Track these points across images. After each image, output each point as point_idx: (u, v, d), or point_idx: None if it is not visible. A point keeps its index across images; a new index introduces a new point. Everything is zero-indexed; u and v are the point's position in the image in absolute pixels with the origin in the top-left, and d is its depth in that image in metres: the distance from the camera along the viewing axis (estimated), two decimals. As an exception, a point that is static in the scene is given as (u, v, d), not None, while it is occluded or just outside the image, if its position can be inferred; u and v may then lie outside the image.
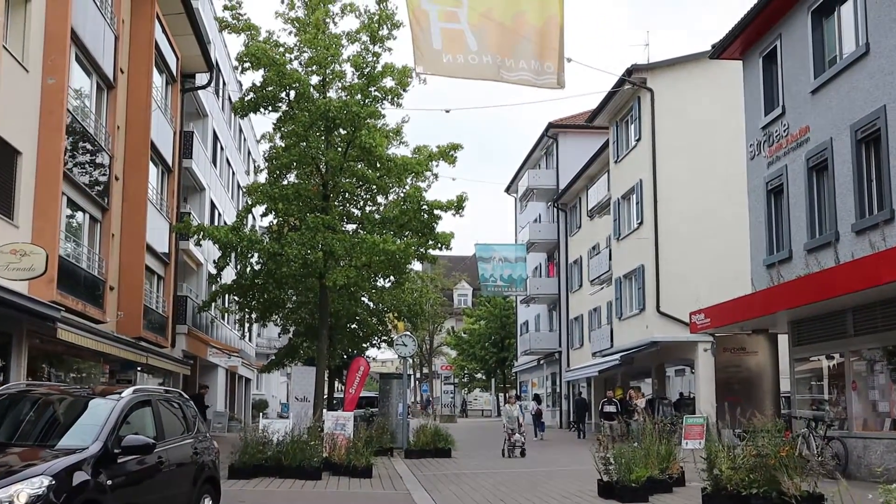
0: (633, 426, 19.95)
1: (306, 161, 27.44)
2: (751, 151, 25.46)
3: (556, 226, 55.84)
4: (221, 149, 44.56)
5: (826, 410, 22.08)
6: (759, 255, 24.89)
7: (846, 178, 20.38)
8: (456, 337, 79.58)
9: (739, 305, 23.60)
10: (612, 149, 40.89)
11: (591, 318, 48.02)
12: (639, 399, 31.74)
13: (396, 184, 28.17)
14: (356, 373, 29.34)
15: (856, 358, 20.39)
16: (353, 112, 26.09)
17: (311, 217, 26.30)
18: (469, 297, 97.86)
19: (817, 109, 21.75)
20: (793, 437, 19.05)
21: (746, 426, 18.68)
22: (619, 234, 39.48)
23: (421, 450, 28.39)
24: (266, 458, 21.28)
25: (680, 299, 33.51)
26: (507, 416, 28.90)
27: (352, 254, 26.16)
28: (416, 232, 27.74)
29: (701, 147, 35.28)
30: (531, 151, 60.13)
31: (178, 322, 34.61)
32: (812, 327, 22.05)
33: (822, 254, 20.97)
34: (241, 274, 28.25)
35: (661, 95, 35.87)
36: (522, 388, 66.96)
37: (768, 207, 24.43)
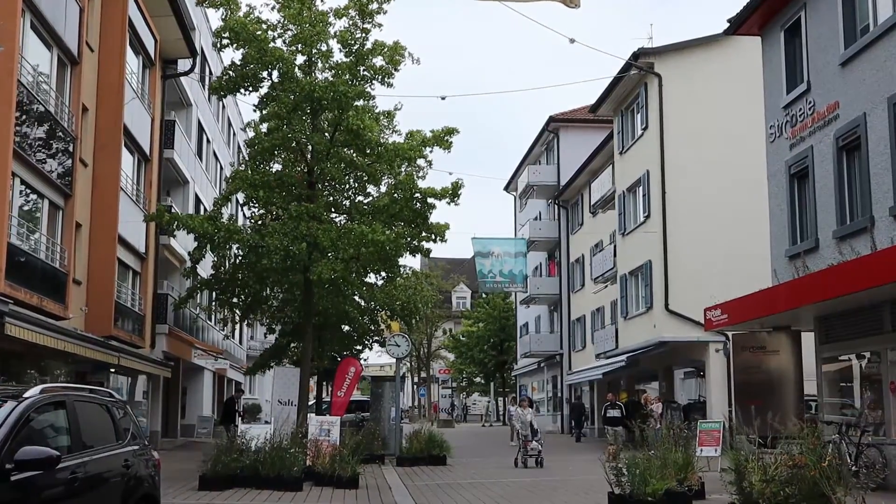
0: (647, 433, 18.06)
1: (290, 146, 25.49)
2: (771, 134, 23.47)
3: (556, 223, 53.86)
4: (208, 141, 42.61)
5: (861, 415, 20.09)
6: (780, 246, 22.89)
7: (883, 156, 18.38)
8: (454, 339, 77.63)
9: (761, 300, 21.59)
10: (617, 139, 38.91)
11: (594, 318, 46.04)
12: (655, 403, 29.61)
13: (388, 171, 26.17)
14: (346, 375, 27.47)
15: (895, 356, 18.37)
16: (339, 92, 24.13)
17: (294, 206, 24.32)
18: (468, 300, 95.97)
19: (848, 83, 19.77)
20: (821, 444, 17.10)
21: (770, 432, 16.92)
22: (625, 228, 37.49)
23: (414, 457, 26.72)
24: (242, 466, 19.48)
25: (690, 297, 31.53)
26: (521, 421, 26.64)
27: (338, 246, 24.15)
28: (408, 222, 25.75)
29: (712, 134, 33.32)
30: (531, 147, 58.19)
31: (159, 321, 32.71)
32: (843, 323, 20.06)
33: (855, 241, 18.96)
34: (218, 267, 26.19)
35: (670, 81, 33.91)
36: (522, 392, 65.02)
37: (791, 193, 22.43)
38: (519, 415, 27.24)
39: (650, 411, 29.76)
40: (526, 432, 25.92)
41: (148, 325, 31.37)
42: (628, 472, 15.61)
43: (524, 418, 26.34)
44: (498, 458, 29.86)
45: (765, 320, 22.31)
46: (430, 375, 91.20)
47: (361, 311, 31.85)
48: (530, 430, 25.87)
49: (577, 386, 50.03)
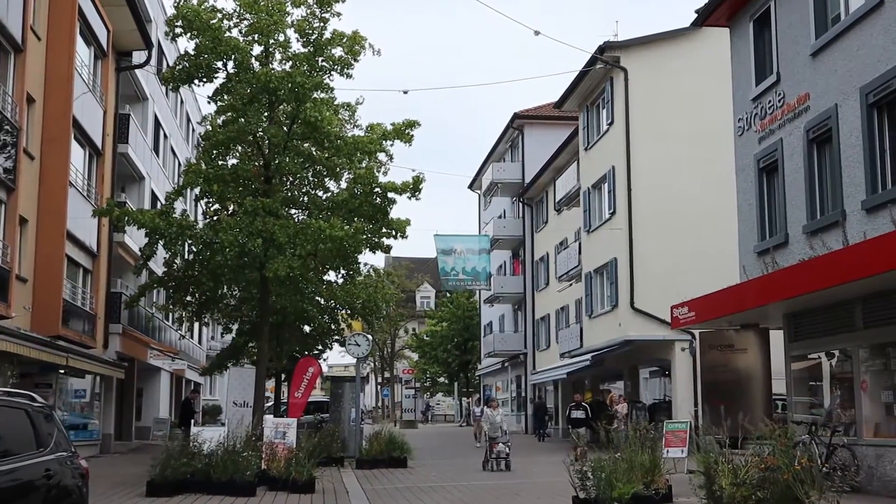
0: (612, 434, 17.47)
1: (246, 139, 24.62)
2: (739, 127, 22.95)
3: (521, 221, 53.29)
4: (165, 136, 41.58)
5: (827, 414, 19.61)
6: (748, 242, 22.36)
7: (854, 148, 17.87)
8: (417, 339, 76.92)
9: (729, 297, 21.05)
10: (582, 135, 38.34)
11: (559, 317, 45.49)
12: (620, 403, 28.98)
13: (347, 165, 25.37)
14: (304, 375, 26.69)
15: (866, 354, 17.85)
16: (297, 83, 23.32)
17: (249, 201, 23.47)
18: (432, 300, 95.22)
19: (819, 74, 19.25)
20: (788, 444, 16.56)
21: (740, 433, 16.36)
22: (590, 226, 36.92)
23: (374, 459, 26.07)
24: (193, 471, 18.65)
25: (656, 295, 31.01)
26: (490, 422, 25.66)
27: (295, 242, 23.35)
28: (368, 218, 24.97)
29: (679, 129, 32.82)
30: (496, 144, 57.60)
31: (112, 321, 31.73)
32: (812, 320, 19.55)
33: (827, 236, 18.44)
34: (170, 264, 25.27)
35: (636, 75, 33.38)
36: (486, 392, 64.42)
37: (759, 188, 21.91)
38: (488, 416, 26.28)
39: (615, 412, 29.20)
40: (495, 434, 25.00)
41: (100, 324, 30.42)
42: (594, 475, 15.00)
43: (493, 419, 25.50)
44: (461, 459, 29.21)
45: (733, 318, 21.78)
46: (394, 376, 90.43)
47: (321, 310, 31.11)
48: (500, 432, 25.00)
49: (541, 386, 49.49)
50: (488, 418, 25.92)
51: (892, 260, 14.84)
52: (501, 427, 25.18)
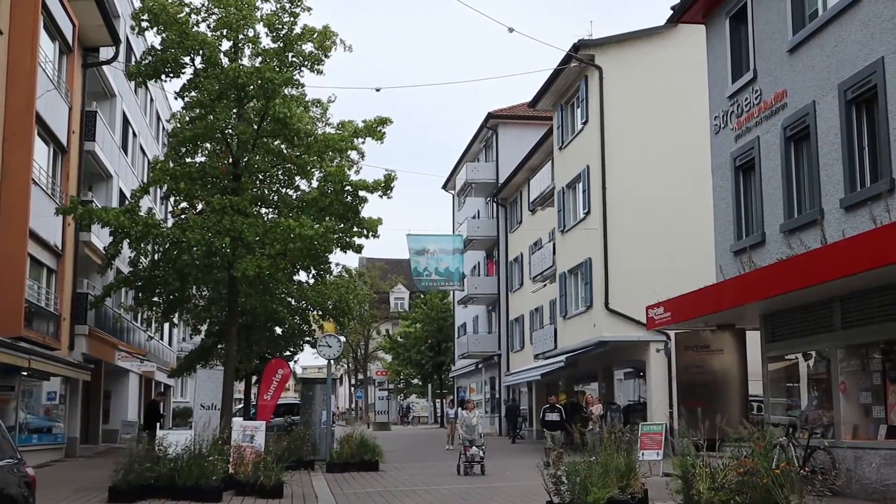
0: (587, 437, 17.12)
1: (213, 136, 24.10)
2: (715, 125, 22.65)
3: (495, 222, 52.92)
4: (134, 135, 40.88)
5: (801, 416, 19.34)
6: (725, 241, 22.06)
7: (833, 146, 17.59)
8: (391, 341, 76.39)
9: (705, 297, 20.72)
10: (557, 134, 38.01)
11: (533, 318, 45.16)
12: (595, 405, 28.60)
13: (318, 163, 24.92)
14: (273, 377, 26.16)
15: (845, 354, 17.57)
16: (266, 79, 22.84)
17: (217, 198, 22.97)
18: (406, 301, 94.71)
19: (796, 70, 18.97)
20: (767, 447, 16.27)
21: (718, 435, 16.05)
22: (564, 225, 36.59)
23: (345, 463, 25.66)
24: (157, 476, 18.14)
25: (631, 295, 30.71)
26: (465, 424, 24.79)
27: (264, 241, 22.88)
28: (339, 217, 24.54)
29: (655, 128, 32.58)
30: (469, 144, 57.21)
31: (78, 322, 31.03)
32: (790, 320, 19.24)
33: (805, 234, 18.15)
34: (135, 263, 24.68)
35: (611, 74, 33.07)
36: (460, 394, 64.02)
37: (736, 186, 21.61)
38: (463, 418, 25.47)
39: (590, 413, 28.84)
40: (471, 437, 24.22)
41: (66, 325, 29.73)
42: (568, 479, 14.62)
43: (469, 421, 24.75)
44: (433, 462, 28.81)
45: (709, 318, 21.48)
46: (368, 377, 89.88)
47: (291, 311, 30.57)
48: (475, 434, 24.26)
49: (515, 387, 49.15)
50: (463, 420, 25.18)
51: (870, 259, 14.54)
52: (476, 429, 24.50)
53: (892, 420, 16.21)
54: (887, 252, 14.08)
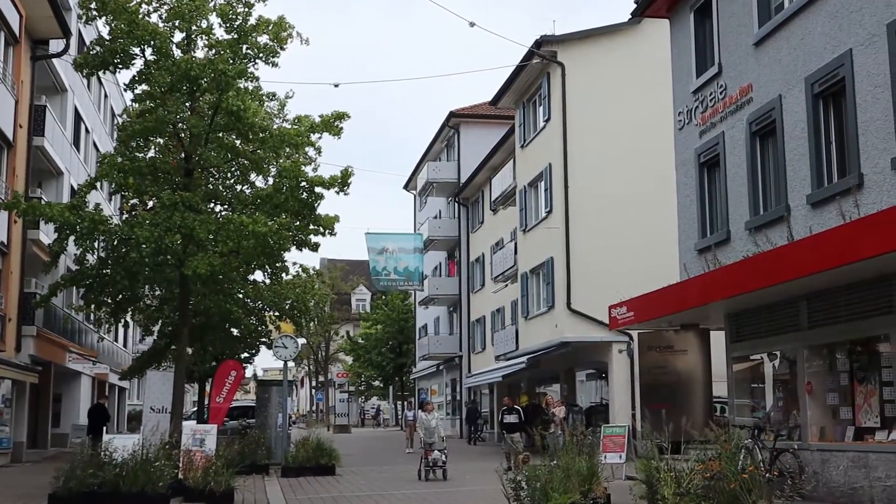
0: (549, 440, 16.61)
1: (164, 129, 23.31)
2: (680, 120, 22.22)
3: (457, 222, 52.33)
4: (87, 131, 39.87)
5: (763, 417, 18.94)
6: (689, 240, 21.62)
7: (799, 140, 17.18)
8: (352, 342, 75.59)
9: (669, 296, 20.26)
10: (519, 132, 37.50)
11: (494, 319, 44.62)
12: (558, 407, 28.03)
13: (273, 159, 24.20)
14: (226, 379, 25.42)
15: (811, 354, 17.16)
16: (219, 71, 22.09)
17: (167, 194, 22.19)
18: (368, 302, 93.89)
19: (762, 64, 18.55)
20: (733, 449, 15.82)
21: (683, 437, 15.64)
22: (526, 225, 36.08)
23: (300, 467, 24.96)
24: (100, 482, 17.33)
25: (593, 295, 30.22)
26: (425, 427, 23.75)
27: (217, 238, 22.15)
28: (294, 213, 23.84)
29: (618, 126, 32.16)
30: (431, 143, 56.57)
31: (25, 323, 30.05)
32: (755, 320, 18.83)
33: (771, 231, 17.73)
34: (81, 261, 23.82)
35: (574, 70, 32.59)
36: (421, 395, 63.43)
37: (700, 183, 21.18)
38: (423, 420, 24.37)
39: (552, 415, 28.11)
40: (431, 440, 23.28)
41: (12, 326, 28.75)
42: (528, 484, 14.06)
43: (428, 424, 23.75)
44: (392, 466, 28.19)
45: (673, 318, 21.04)
46: (328, 379, 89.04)
47: (247, 311, 29.77)
48: (436, 437, 23.32)
49: (476, 389, 48.62)
50: (423, 423, 24.15)
51: (838, 255, 14.13)
52: (437, 432, 23.55)
53: (859, 421, 15.84)
54: (855, 248, 13.66)
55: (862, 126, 15.35)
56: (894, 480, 14.33)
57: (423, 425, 23.98)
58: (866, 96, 15.27)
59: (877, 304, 15.07)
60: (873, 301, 15.15)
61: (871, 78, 15.12)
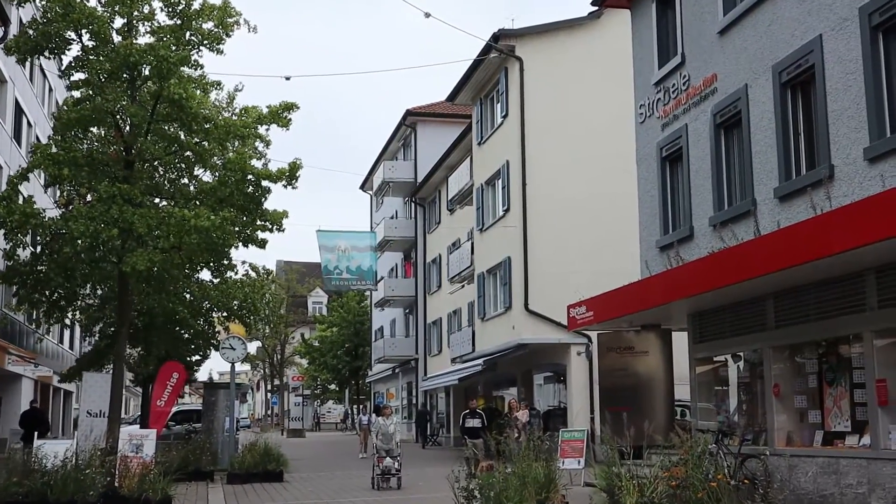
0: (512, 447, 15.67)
1: (103, 119, 22.14)
2: (641, 114, 21.44)
3: (413, 222, 51.38)
4: (30, 125, 38.47)
5: (725, 421, 18.21)
6: (650, 237, 20.85)
7: (766, 131, 16.44)
8: (306, 345, 74.35)
9: (629, 295, 19.43)
10: (476, 129, 36.65)
11: (451, 320, 43.73)
12: (521, 410, 27.00)
13: (219, 152, 23.13)
14: (167, 381, 24.31)
15: (778, 355, 16.40)
16: (160, 57, 20.98)
17: (104, 186, 21.03)
18: (324, 305, 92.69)
19: (727, 53, 17.80)
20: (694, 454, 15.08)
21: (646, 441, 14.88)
22: (483, 224, 35.22)
23: (247, 473, 24.15)
24: (26, 491, 16.37)
25: (551, 295, 29.42)
26: (381, 433, 22.25)
27: (157, 233, 21.03)
28: (240, 208, 22.79)
29: (578, 122, 31.43)
30: (388, 142, 55.62)
31: (-41, 324, 28.75)
32: (719, 319, 18.07)
33: (737, 227, 16.94)
34: (10, 257, 22.57)
35: (532, 65, 31.80)
36: (378, 399, 62.38)
37: (662, 178, 20.40)
38: (379, 425, 22.66)
39: (514, 420, 26.86)
40: (388, 446, 21.84)
41: (-56, 327, 27.48)
42: (481, 493, 13.18)
43: (385, 429, 22.22)
44: (344, 472, 27.25)
45: (633, 317, 20.21)
46: (284, 383, 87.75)
47: (193, 312, 28.61)
48: (393, 443, 21.89)
49: (433, 392, 47.73)
50: (379, 428, 22.54)
51: (807, 251, 13.34)
52: (394, 438, 22.13)
53: (829, 425, 15.10)
54: (826, 243, 12.88)
55: (833, 115, 14.62)
56: (866, 487, 13.60)
57: (379, 430, 22.45)
58: (837, 84, 14.55)
59: (848, 302, 14.35)
60: (844, 299, 14.42)
61: (843, 64, 14.39)
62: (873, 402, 13.79)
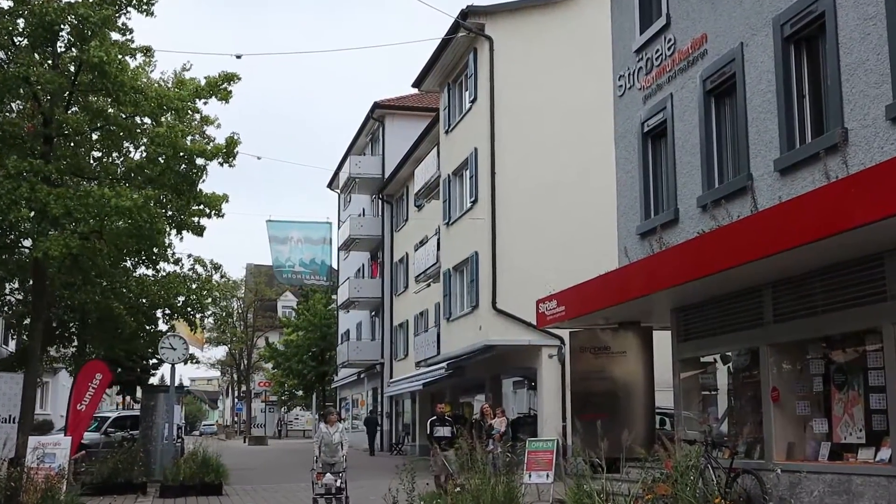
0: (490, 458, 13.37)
1: (16, 87, 19.64)
2: (620, 86, 19.22)
3: (380, 220, 48.98)
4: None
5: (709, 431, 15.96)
6: (630, 223, 18.60)
7: (765, 95, 14.23)
8: (271, 349, 71.77)
9: (606, 285, 17.16)
10: (443, 117, 34.34)
11: (418, 323, 41.35)
12: (498, 418, 24.39)
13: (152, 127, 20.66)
14: (89, 382, 21.82)
15: (777, 355, 14.15)
16: (80, 16, 18.60)
17: (13, 161, 18.57)
18: (293, 309, 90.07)
19: (719, 8, 15.58)
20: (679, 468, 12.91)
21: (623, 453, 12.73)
22: (450, 217, 32.89)
23: (182, 485, 21.88)
24: None
25: (521, 294, 27.00)
26: (325, 443, 18.00)
27: (75, 214, 18.59)
28: (173, 189, 20.40)
29: (551, 108, 29.17)
30: (355, 137, 53.22)
31: None
32: (707, 314, 15.84)
33: (731, 206, 14.66)
34: None
35: (503, 45, 29.51)
36: (344, 406, 60.03)
37: (644, 157, 18.17)
38: (324, 434, 18.20)
39: (489, 428, 24.09)
40: (333, 459, 17.77)
41: None
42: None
43: (329, 439, 18.00)
44: (292, 484, 24.88)
45: (610, 312, 17.90)
46: (250, 389, 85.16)
47: (131, 309, 26.09)
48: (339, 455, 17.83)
49: (399, 398, 45.37)
50: (322, 438, 18.17)
51: (816, 226, 11.13)
52: (340, 450, 17.98)
53: (837, 436, 12.88)
54: (846, 213, 10.65)
55: (847, 70, 12.41)
56: (886, 511, 11.36)
57: (322, 440, 18.29)
58: (852, 33, 12.34)
59: (863, 291, 12.12)
60: (859, 286, 12.19)
61: (860, 8, 12.19)
62: (895, 408, 11.57)
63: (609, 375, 19.02)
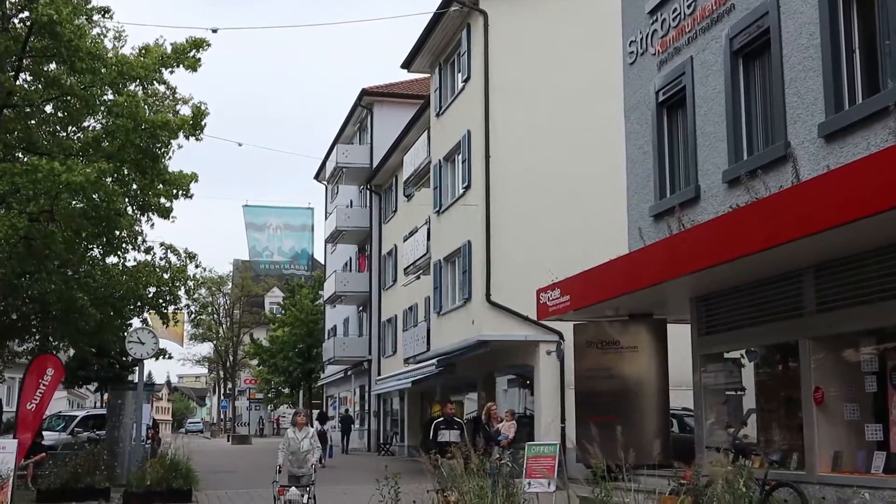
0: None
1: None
2: (631, 52, 17.33)
3: (368, 211, 47.05)
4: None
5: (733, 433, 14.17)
6: (642, 203, 16.71)
7: (807, 51, 12.35)
8: (256, 346, 69.97)
9: (616, 271, 15.29)
10: (434, 99, 32.43)
11: (407, 318, 39.45)
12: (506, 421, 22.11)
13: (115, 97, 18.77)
14: (40, 379, 19.91)
15: (820, 350, 12.27)
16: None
17: (-50, 133, 16.71)
18: (281, 304, 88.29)
19: (750, -45, 13.70)
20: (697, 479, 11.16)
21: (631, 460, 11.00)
22: (440, 205, 30.99)
23: (148, 491, 19.74)
24: None
25: (517, 286, 25.15)
26: (291, 450, 15.07)
27: (22, 192, 16.69)
28: (135, 166, 18.50)
29: (550, 88, 27.26)
30: (343, 126, 51.29)
31: None
32: (734, 303, 13.97)
33: (763, 181, 12.75)
34: None
35: (498, 20, 27.55)
36: (332, 404, 58.17)
37: (659, 129, 16.29)
38: (290, 440, 15.19)
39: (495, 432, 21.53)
40: (300, 471, 14.99)
41: None
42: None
43: (295, 446, 15.06)
44: (268, 490, 22.75)
45: (620, 303, 16.04)
46: (235, 387, 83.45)
47: (96, 300, 24.15)
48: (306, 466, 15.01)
49: (387, 396, 43.52)
50: (288, 444, 15.19)
51: (882, 196, 9.26)
52: (309, 458, 15.08)
53: (895, 445, 11.00)
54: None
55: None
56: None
57: (288, 447, 15.23)
58: (918, -30, 10.48)
59: (931, 274, 10.26)
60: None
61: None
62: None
63: (618, 373, 17.18)
